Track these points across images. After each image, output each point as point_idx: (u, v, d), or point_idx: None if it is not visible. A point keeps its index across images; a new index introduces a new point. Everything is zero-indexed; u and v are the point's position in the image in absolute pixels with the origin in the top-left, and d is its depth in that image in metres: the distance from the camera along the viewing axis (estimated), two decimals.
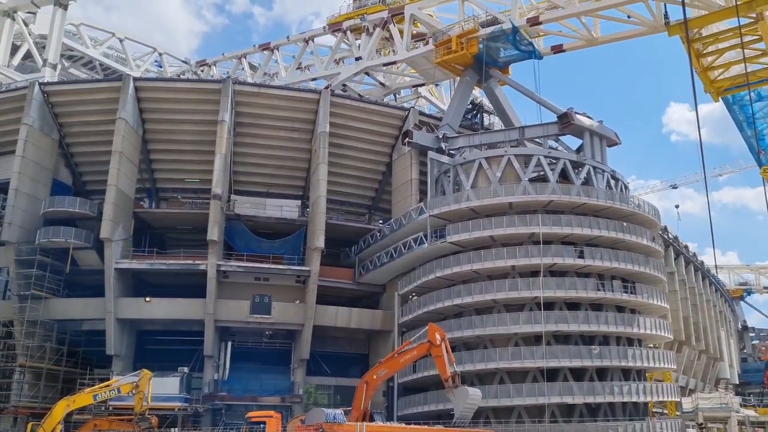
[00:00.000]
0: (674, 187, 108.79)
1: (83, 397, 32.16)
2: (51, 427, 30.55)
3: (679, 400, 50.03)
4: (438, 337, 31.19)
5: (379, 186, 56.98)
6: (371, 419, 31.87)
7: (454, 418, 32.54)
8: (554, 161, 46.79)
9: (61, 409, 31.10)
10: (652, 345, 48.82)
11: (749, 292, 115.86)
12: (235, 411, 49.63)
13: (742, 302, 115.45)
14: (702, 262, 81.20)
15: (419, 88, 68.66)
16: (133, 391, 33.20)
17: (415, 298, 47.30)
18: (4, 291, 51.92)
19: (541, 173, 47.50)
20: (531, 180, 46.30)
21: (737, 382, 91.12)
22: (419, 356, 31.71)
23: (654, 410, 49.75)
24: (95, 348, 49.21)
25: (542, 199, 43.60)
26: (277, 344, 52.38)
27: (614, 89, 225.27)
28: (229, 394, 48.32)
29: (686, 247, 75.54)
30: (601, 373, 42.87)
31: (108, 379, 45.31)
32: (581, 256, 43.02)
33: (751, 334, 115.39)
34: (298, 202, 54.20)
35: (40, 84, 51.12)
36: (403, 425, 29.93)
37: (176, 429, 42.39)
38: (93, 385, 45.94)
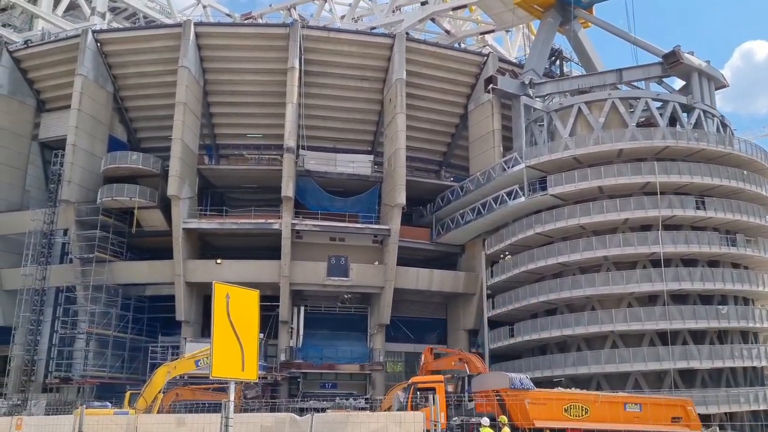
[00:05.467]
0: None
1: (185, 363, 28.94)
2: (152, 396, 27.46)
3: None
4: None
5: (452, 139, 52.93)
6: None
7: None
8: (663, 105, 42.52)
9: (162, 376, 27.97)
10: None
11: None
12: (310, 380, 46.76)
13: None
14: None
15: (486, 36, 64.01)
16: None
17: (509, 257, 43.48)
18: (61, 254, 49.07)
19: (647, 119, 43.34)
20: (636, 126, 42.13)
21: None
22: None
23: None
24: (160, 314, 46.48)
25: (657, 145, 39.29)
26: (352, 309, 49.06)
27: (618, 49, 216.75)
28: (306, 362, 45.14)
29: None
30: (722, 336, 39.18)
31: (177, 347, 42.73)
32: (699, 207, 38.99)
33: None
34: (370, 158, 50.21)
35: (93, 32, 47.28)
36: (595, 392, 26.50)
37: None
38: (162, 353, 43.59)
